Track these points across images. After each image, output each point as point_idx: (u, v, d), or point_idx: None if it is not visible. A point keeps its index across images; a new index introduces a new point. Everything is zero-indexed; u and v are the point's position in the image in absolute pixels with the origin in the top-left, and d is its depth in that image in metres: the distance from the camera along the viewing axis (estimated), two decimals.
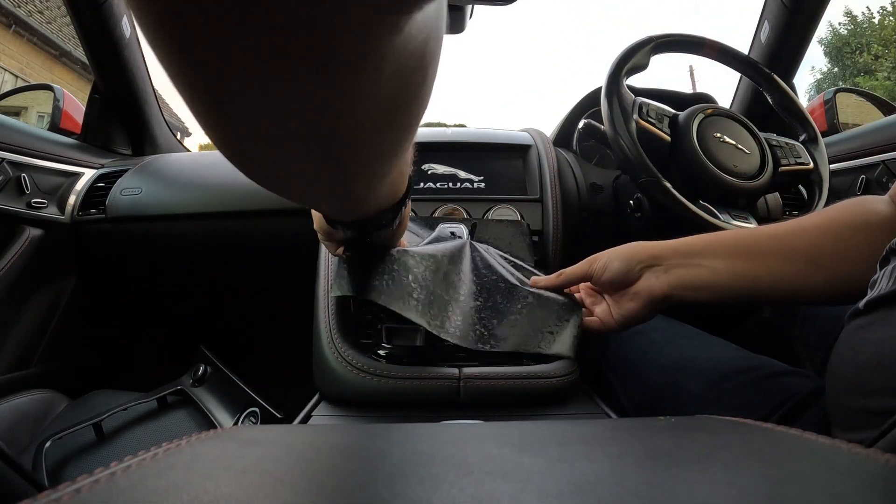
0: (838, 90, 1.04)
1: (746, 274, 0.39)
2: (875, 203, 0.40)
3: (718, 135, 0.68)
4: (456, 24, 0.35)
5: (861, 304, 0.32)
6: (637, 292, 0.42)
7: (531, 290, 0.47)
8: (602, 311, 0.45)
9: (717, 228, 0.58)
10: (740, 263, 0.40)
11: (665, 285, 0.41)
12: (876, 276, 0.33)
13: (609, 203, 0.80)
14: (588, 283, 0.47)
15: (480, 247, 0.53)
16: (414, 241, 0.55)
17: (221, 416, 0.67)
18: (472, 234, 0.56)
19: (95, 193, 0.93)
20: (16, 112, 1.22)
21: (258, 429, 0.23)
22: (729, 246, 0.41)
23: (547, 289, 0.48)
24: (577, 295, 0.48)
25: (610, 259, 0.43)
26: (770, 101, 0.76)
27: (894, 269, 0.31)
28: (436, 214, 0.67)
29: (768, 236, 0.40)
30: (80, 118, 1.07)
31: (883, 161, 0.78)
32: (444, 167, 0.73)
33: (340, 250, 0.43)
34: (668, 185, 0.61)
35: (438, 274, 0.45)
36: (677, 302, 0.42)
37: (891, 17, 10.79)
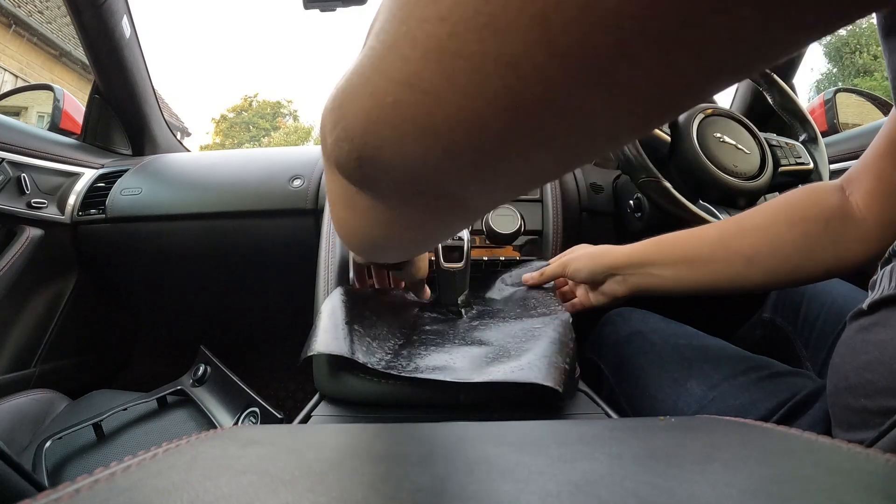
0: (838, 90, 1.03)
1: (690, 279, 0.46)
2: (823, 193, 0.43)
3: (718, 135, 0.68)
4: None
5: (864, 304, 0.32)
6: (604, 292, 0.51)
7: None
8: (581, 293, 0.54)
9: None
10: (684, 270, 0.46)
11: (625, 290, 0.49)
12: (875, 277, 0.33)
13: (609, 203, 0.80)
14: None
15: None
16: None
17: (221, 416, 0.67)
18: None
19: (95, 193, 0.93)
20: (16, 112, 1.22)
21: (258, 429, 0.23)
22: (675, 255, 0.47)
23: (534, 285, 0.56)
24: (560, 282, 0.56)
25: (578, 268, 0.51)
26: (770, 101, 0.76)
27: (892, 269, 0.31)
28: None
29: (711, 242, 0.46)
30: (80, 118, 1.07)
31: None
32: None
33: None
34: (668, 185, 0.61)
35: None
36: (638, 298, 0.50)
37: None
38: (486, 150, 0.12)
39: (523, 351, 0.40)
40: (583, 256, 0.52)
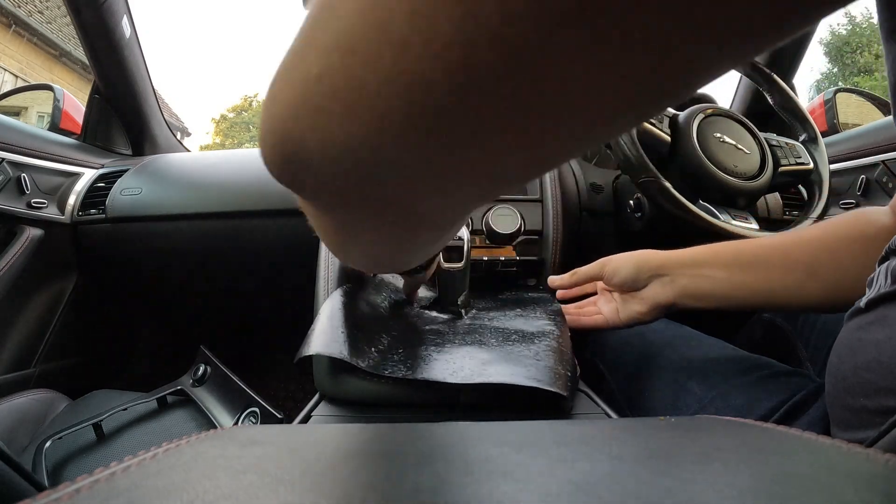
0: (838, 90, 1.03)
1: (746, 284, 0.42)
2: (875, 214, 0.42)
3: (718, 135, 0.68)
4: None
5: (861, 302, 0.32)
6: (644, 298, 0.46)
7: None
8: (610, 309, 0.49)
9: (717, 229, 0.58)
10: (740, 274, 0.42)
11: (671, 294, 0.44)
12: (873, 275, 0.33)
13: (609, 203, 0.80)
14: (601, 283, 0.51)
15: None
16: None
17: (221, 416, 0.67)
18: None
19: (95, 193, 0.93)
20: (16, 112, 1.22)
21: (258, 429, 0.23)
22: (730, 257, 0.43)
23: (562, 287, 0.53)
24: (582, 292, 0.53)
25: (620, 265, 0.47)
26: (770, 101, 0.76)
27: (888, 266, 0.31)
28: None
29: (769, 247, 0.42)
30: (80, 118, 1.07)
31: (883, 161, 0.78)
32: None
33: None
34: (668, 185, 0.61)
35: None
36: (681, 309, 0.45)
37: None
38: (429, 129, 0.09)
39: (524, 357, 0.40)
40: (624, 256, 0.47)
